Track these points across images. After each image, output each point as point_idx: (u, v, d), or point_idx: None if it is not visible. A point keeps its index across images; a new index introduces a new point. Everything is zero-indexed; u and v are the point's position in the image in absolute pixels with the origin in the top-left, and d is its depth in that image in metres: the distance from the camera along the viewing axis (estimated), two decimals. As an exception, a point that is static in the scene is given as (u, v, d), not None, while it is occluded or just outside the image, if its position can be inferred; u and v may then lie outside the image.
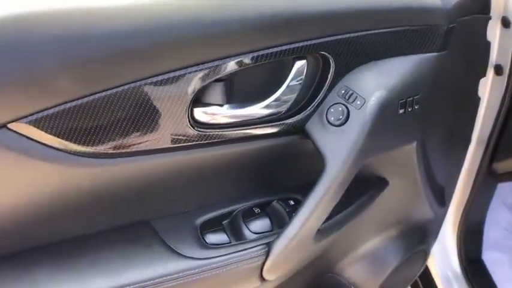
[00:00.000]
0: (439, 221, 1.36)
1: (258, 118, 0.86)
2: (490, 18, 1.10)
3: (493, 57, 1.21)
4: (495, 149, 1.34)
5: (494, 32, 1.18)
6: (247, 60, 0.78)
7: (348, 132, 0.85)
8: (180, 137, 0.80)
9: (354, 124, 0.84)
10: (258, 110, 0.85)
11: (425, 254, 1.38)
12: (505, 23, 1.16)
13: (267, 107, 0.85)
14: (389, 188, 1.10)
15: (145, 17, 0.71)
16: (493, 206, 1.79)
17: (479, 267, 1.66)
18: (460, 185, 1.45)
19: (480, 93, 1.22)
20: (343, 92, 0.87)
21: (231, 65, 0.77)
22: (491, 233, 1.79)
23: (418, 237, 1.33)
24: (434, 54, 0.95)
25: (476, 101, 1.23)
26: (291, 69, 0.83)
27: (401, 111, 0.90)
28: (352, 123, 0.85)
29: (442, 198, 1.30)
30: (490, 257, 1.74)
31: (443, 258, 1.63)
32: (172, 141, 0.79)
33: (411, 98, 0.91)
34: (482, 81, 1.21)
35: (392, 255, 1.29)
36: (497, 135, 1.31)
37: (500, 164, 1.37)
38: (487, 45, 1.16)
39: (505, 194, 1.90)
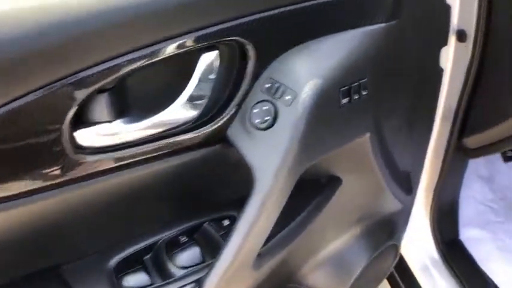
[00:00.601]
0: (407, 210, 1.23)
1: (165, 130, 0.69)
2: None
3: (454, 22, 1.06)
4: (464, 123, 1.20)
5: None
6: (135, 60, 0.61)
7: (278, 136, 0.70)
8: (63, 169, 0.63)
9: (284, 125, 0.69)
10: (161, 120, 0.68)
11: (396, 248, 1.26)
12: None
13: (172, 115, 0.68)
14: (343, 187, 0.95)
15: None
16: (466, 180, 1.68)
17: (458, 249, 1.55)
18: (428, 165, 1.32)
19: (442, 63, 1.07)
20: (268, 85, 0.71)
21: (115, 69, 0.60)
22: (467, 209, 1.69)
23: (386, 231, 1.20)
24: (383, 25, 0.79)
25: (439, 73, 1.08)
26: (196, 65, 0.67)
27: (344, 101, 0.75)
28: (281, 125, 0.70)
29: (408, 186, 1.16)
30: (468, 235, 1.63)
31: (418, 245, 1.51)
32: (55, 176, 0.63)
33: (356, 84, 0.76)
34: (443, 50, 1.07)
35: (359, 255, 1.16)
36: (465, 109, 1.17)
37: (470, 139, 1.23)
38: (447, 9, 1.00)
39: (478, 166, 1.81)
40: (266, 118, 0.70)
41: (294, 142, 0.69)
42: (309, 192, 0.90)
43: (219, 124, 0.74)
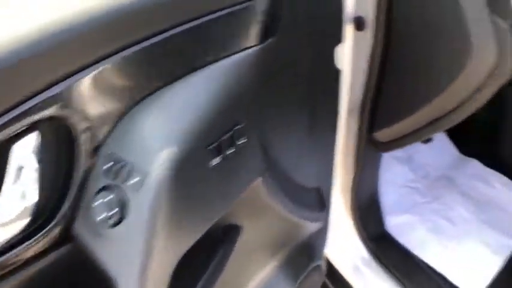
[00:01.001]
0: (324, 226, 1.15)
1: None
2: None
3: (351, 8, 0.97)
4: (372, 117, 1.13)
5: None
6: None
7: (132, 233, 0.55)
8: None
9: (138, 218, 0.55)
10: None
11: (320, 268, 1.20)
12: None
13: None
14: (245, 233, 0.84)
15: None
16: (385, 165, 1.63)
17: (386, 241, 1.51)
18: (341, 164, 1.25)
19: (341, 57, 0.97)
20: (108, 166, 0.56)
21: None
22: (390, 195, 1.66)
23: (307, 255, 1.14)
24: (256, 48, 0.66)
25: (335, 74, 0.97)
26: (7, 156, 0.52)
27: (215, 161, 0.62)
28: (134, 218, 0.55)
29: (321, 202, 1.08)
30: (396, 222, 1.59)
31: (346, 247, 1.46)
32: None
33: (229, 134, 0.63)
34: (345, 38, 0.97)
35: (284, 287, 1.08)
36: (372, 102, 1.09)
37: (380, 133, 1.16)
38: (338, 1, 0.90)
39: None
40: (112, 212, 0.54)
41: (150, 237, 0.55)
42: (209, 246, 0.79)
43: (59, 225, 0.58)
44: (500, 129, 1.80)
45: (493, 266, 1.49)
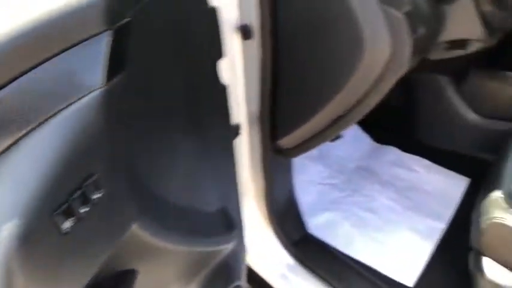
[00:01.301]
0: (239, 244, 1.06)
1: None
2: None
3: (236, 17, 0.92)
4: (273, 125, 1.08)
5: None
6: None
7: None
8: None
9: None
10: None
11: (240, 286, 1.10)
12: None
13: None
14: (143, 275, 0.73)
15: None
16: (299, 167, 1.57)
17: (310, 244, 1.43)
18: (250, 177, 1.20)
19: (228, 71, 0.92)
20: None
21: None
22: (309, 196, 1.58)
23: (223, 279, 1.03)
24: (101, 89, 0.56)
25: (221, 90, 0.90)
26: None
27: (68, 224, 0.53)
28: None
29: (229, 222, 0.99)
30: (318, 222, 1.52)
31: (270, 256, 1.37)
32: None
33: (80, 191, 0.54)
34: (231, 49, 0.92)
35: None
36: (270, 111, 1.05)
37: (284, 140, 1.11)
38: (212, 14, 0.81)
39: None
40: None
41: None
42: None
43: None
44: (413, 114, 1.79)
45: (425, 252, 1.43)
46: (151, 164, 0.72)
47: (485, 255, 1.08)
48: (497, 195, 1.09)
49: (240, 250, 1.07)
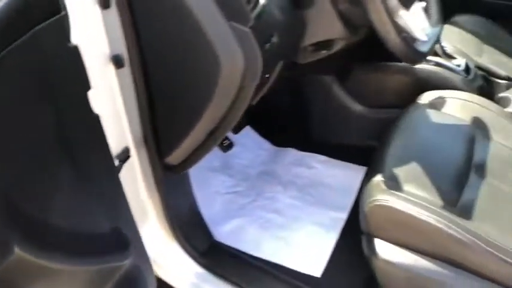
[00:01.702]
0: (141, 259, 1.09)
1: None
2: (66, 14, 0.76)
3: (108, 48, 0.99)
4: (158, 145, 1.15)
5: (95, 19, 0.94)
6: None
7: None
8: None
9: None
10: None
11: None
12: (104, 2, 0.94)
13: None
14: None
15: None
16: (202, 180, 1.64)
17: (219, 252, 1.49)
18: (147, 196, 1.26)
19: (99, 100, 0.94)
20: None
21: None
22: (215, 207, 1.64)
23: None
24: None
25: (95, 120, 0.92)
26: None
27: None
28: None
29: (123, 241, 1.00)
30: (226, 229, 1.58)
31: (180, 270, 1.41)
32: None
33: None
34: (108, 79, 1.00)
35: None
36: (152, 131, 1.12)
37: (171, 157, 1.17)
38: (75, 51, 0.84)
39: (207, 159, 1.74)
40: None
41: None
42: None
43: None
44: (306, 114, 1.89)
45: (329, 243, 1.52)
46: (30, 193, 0.75)
47: (375, 237, 1.17)
48: (378, 179, 1.19)
49: (143, 265, 1.10)
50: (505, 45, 2.31)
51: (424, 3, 1.27)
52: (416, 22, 1.19)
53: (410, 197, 1.12)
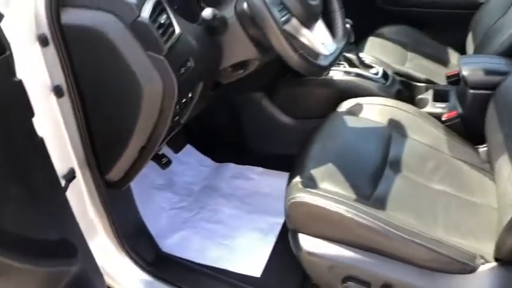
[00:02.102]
0: (89, 267, 1.21)
1: None
2: (10, 52, 0.89)
3: (49, 79, 1.14)
4: (98, 164, 1.29)
5: (36, 56, 1.10)
6: None
7: None
8: None
9: None
10: None
11: None
12: (43, 41, 1.09)
13: None
14: None
15: None
16: (148, 197, 1.80)
17: (167, 261, 1.62)
18: (94, 212, 1.38)
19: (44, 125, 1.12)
20: None
21: None
22: (162, 222, 1.78)
23: None
24: None
25: (39, 143, 1.05)
26: None
27: None
28: None
29: (70, 249, 1.13)
30: (173, 241, 1.72)
31: (130, 280, 1.53)
32: None
33: None
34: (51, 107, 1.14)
35: None
36: (92, 152, 1.26)
37: (111, 174, 1.32)
38: (18, 85, 0.96)
39: (152, 178, 1.89)
40: None
41: None
42: None
43: None
44: (241, 129, 2.07)
45: (268, 245, 1.68)
46: None
47: (298, 232, 1.32)
48: (297, 180, 1.34)
49: (91, 272, 1.22)
50: (429, 50, 2.55)
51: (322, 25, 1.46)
52: (318, 39, 1.37)
53: (325, 193, 1.28)
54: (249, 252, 1.65)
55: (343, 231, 1.26)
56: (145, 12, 1.13)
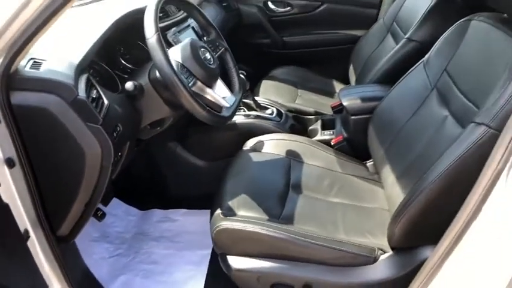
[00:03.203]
0: None
1: None
2: None
3: (1, 153, 1.30)
4: (50, 223, 1.47)
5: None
6: None
7: None
8: None
9: None
10: None
11: None
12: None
13: None
14: None
15: None
16: (88, 248, 2.02)
17: None
18: (48, 267, 1.52)
19: (9, 191, 1.32)
20: None
21: None
22: (103, 270, 2.00)
23: None
24: None
25: (5, 208, 1.29)
26: None
27: None
28: None
29: None
30: (117, 284, 1.97)
31: None
32: None
33: None
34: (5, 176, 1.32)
35: None
36: (44, 213, 1.43)
37: (61, 230, 1.50)
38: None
39: (88, 232, 2.14)
40: None
41: None
42: None
43: None
44: (162, 177, 2.35)
45: (202, 274, 1.98)
46: None
47: (226, 254, 1.56)
48: (218, 212, 1.59)
49: None
50: (316, 85, 2.96)
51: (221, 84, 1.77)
52: (220, 95, 1.69)
53: (243, 218, 1.54)
54: (186, 283, 1.92)
55: (263, 247, 1.50)
56: (82, 90, 1.35)
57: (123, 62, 1.83)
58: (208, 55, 1.69)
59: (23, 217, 1.38)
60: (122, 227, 2.25)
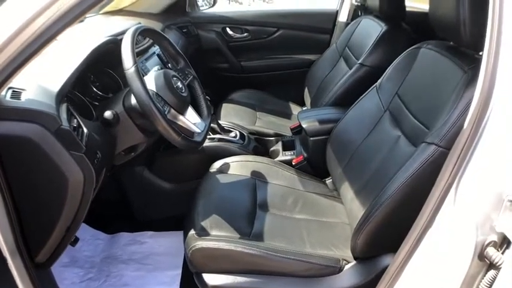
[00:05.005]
0: None
1: None
2: None
3: None
4: (29, 249, 1.52)
5: None
6: None
7: None
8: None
9: None
10: None
11: None
12: None
13: None
14: None
15: None
16: (59, 276, 2.06)
17: None
18: None
19: None
20: None
21: None
22: None
23: None
24: None
25: None
26: None
27: None
28: None
29: None
30: None
31: None
32: None
33: None
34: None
35: None
36: (23, 240, 1.48)
37: (40, 256, 1.56)
38: None
39: (59, 259, 2.16)
40: None
41: None
42: None
43: None
44: (130, 201, 2.45)
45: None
46: None
47: (201, 273, 1.65)
48: (192, 233, 1.69)
49: None
50: (274, 107, 3.15)
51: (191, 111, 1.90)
52: (191, 121, 1.82)
53: (216, 237, 1.65)
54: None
55: (238, 263, 1.60)
56: (64, 120, 1.40)
57: (94, 89, 1.93)
58: (179, 84, 1.83)
59: (2, 245, 1.40)
60: (90, 251, 2.34)
